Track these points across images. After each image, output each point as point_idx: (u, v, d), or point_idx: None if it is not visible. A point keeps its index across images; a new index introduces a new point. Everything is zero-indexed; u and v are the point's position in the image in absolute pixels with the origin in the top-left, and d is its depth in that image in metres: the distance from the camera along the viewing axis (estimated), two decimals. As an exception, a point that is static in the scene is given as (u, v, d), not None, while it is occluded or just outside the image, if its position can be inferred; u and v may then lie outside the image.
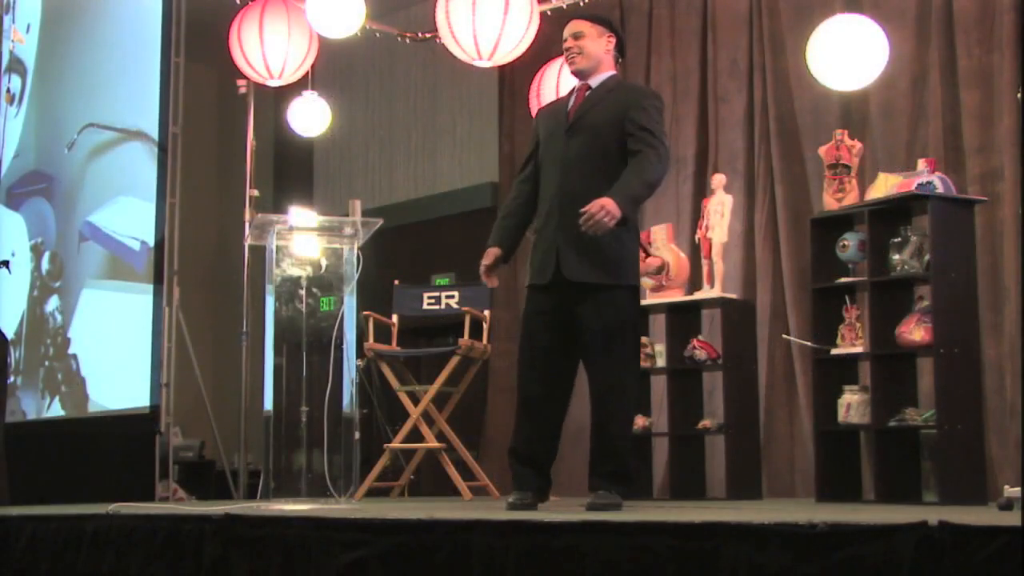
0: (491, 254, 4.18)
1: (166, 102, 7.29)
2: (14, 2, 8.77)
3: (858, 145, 5.19)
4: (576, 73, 4.22)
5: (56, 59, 8.57)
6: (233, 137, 8.48)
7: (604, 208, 3.75)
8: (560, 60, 6.27)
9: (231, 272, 8.16)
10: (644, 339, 5.82)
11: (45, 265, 8.34)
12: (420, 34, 7.44)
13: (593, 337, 3.95)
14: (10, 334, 7.84)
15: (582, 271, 3.94)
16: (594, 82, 4.19)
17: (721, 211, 5.68)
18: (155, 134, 7.41)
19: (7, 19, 8.74)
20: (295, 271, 4.96)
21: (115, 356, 7.53)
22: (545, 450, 4.15)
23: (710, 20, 6.64)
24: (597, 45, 4.20)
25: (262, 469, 5.04)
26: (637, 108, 4.05)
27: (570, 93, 4.30)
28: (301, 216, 5.02)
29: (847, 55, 4.99)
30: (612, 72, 4.23)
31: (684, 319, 5.80)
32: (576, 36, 4.21)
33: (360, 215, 5.12)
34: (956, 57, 5.56)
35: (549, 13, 6.60)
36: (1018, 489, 3.50)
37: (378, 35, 7.41)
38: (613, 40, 4.24)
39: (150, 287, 7.26)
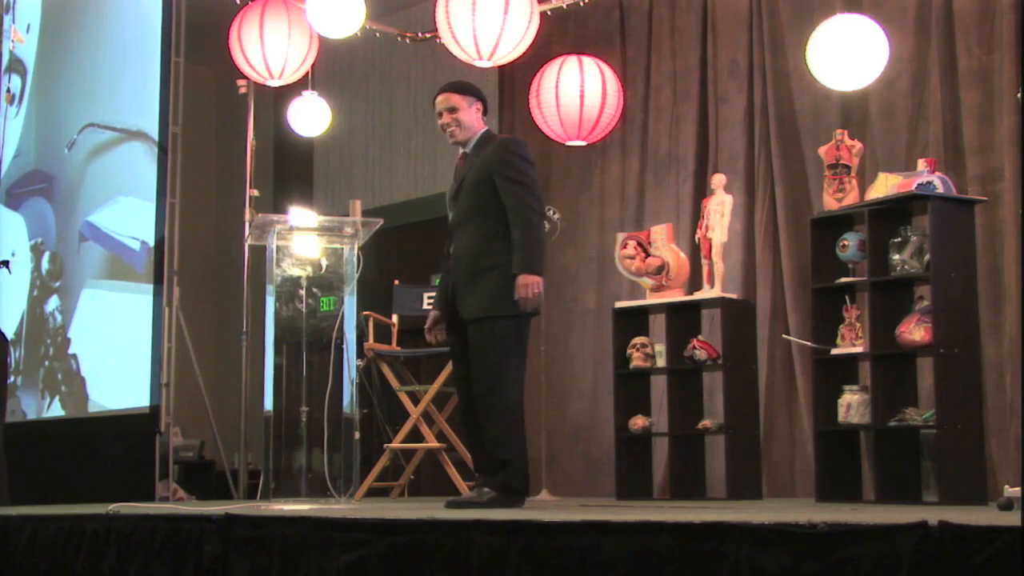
0: (432, 317, 4.71)
1: (166, 102, 7.28)
2: (14, 2, 8.77)
3: (858, 145, 5.19)
4: (456, 144, 4.63)
5: (56, 59, 8.57)
6: (233, 137, 8.48)
7: (524, 286, 4.31)
8: (560, 60, 6.28)
9: (231, 272, 8.16)
10: (644, 339, 5.84)
11: (45, 265, 8.34)
12: (420, 34, 7.44)
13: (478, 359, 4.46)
14: (10, 334, 7.84)
15: (470, 311, 4.46)
16: (469, 147, 4.60)
17: (721, 211, 5.67)
18: (155, 134, 7.40)
19: (7, 19, 8.74)
20: (295, 271, 4.96)
21: (115, 356, 7.52)
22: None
23: (710, 20, 6.64)
24: (469, 115, 4.60)
25: (262, 469, 5.04)
26: (501, 163, 4.47)
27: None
28: (301, 216, 5.01)
29: (847, 55, 4.99)
30: (482, 131, 4.62)
31: (684, 319, 5.80)
32: (451, 110, 4.58)
33: (360, 215, 5.12)
34: (956, 57, 5.56)
35: (549, 13, 6.61)
36: (1018, 489, 3.50)
37: (378, 35, 7.41)
38: (480, 105, 4.64)
39: (150, 287, 7.26)
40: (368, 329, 6.22)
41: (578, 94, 6.13)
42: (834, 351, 4.94)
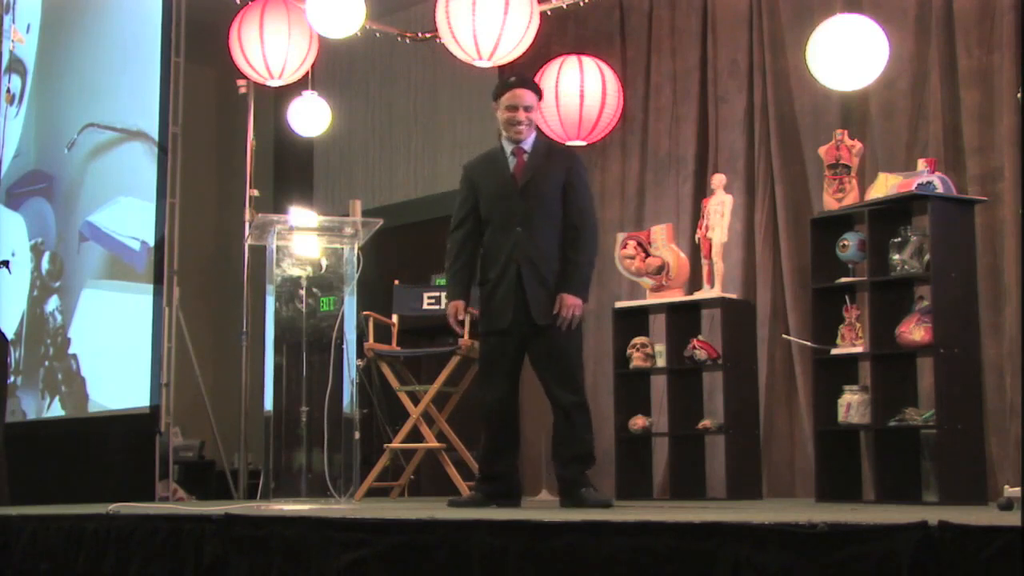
0: (460, 307, 4.61)
1: (166, 102, 7.29)
2: (14, 2, 8.77)
3: (858, 145, 5.19)
4: (515, 140, 4.57)
5: (56, 59, 8.57)
6: (233, 137, 8.47)
7: (571, 307, 4.41)
8: (560, 60, 6.28)
9: (231, 272, 8.16)
10: (644, 339, 5.84)
11: (45, 265, 8.34)
12: (420, 34, 7.44)
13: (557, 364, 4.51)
14: (10, 334, 7.84)
15: (547, 316, 4.45)
16: (527, 145, 4.58)
17: (721, 211, 5.67)
18: (155, 134, 7.41)
19: (7, 19, 8.74)
20: (295, 271, 4.96)
21: (115, 356, 7.53)
22: None
23: (710, 20, 6.64)
24: (538, 116, 4.69)
25: (262, 469, 5.04)
26: (577, 177, 4.56)
27: (498, 152, 4.62)
28: (301, 216, 5.02)
29: (847, 55, 4.99)
30: (535, 132, 4.63)
31: (684, 319, 5.79)
32: (528, 109, 4.55)
33: (360, 215, 5.12)
34: (956, 57, 5.55)
35: (549, 13, 6.61)
36: (1018, 489, 3.50)
37: (378, 35, 7.41)
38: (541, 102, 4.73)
39: (150, 287, 7.27)
40: (368, 329, 6.22)
41: (578, 94, 6.13)
42: (834, 351, 4.94)
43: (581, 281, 4.48)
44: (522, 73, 4.71)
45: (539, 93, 4.65)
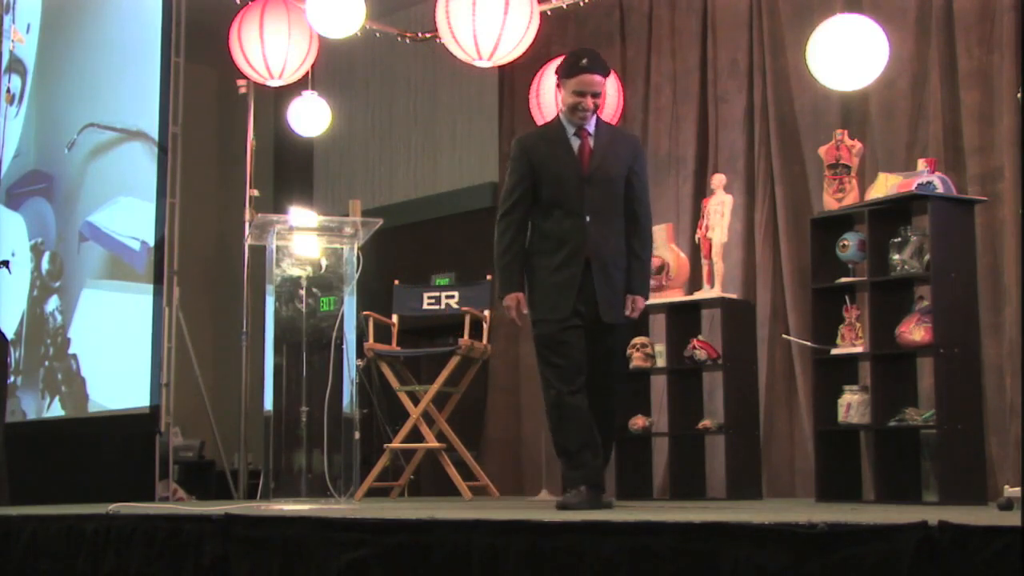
0: (520, 299, 4.35)
1: (166, 102, 7.28)
2: (14, 2, 8.77)
3: (858, 145, 5.19)
4: (580, 125, 4.32)
5: (56, 59, 8.57)
6: (233, 137, 8.48)
7: (639, 309, 4.38)
8: (560, 60, 6.27)
9: (231, 272, 8.16)
10: (644, 339, 5.84)
11: (45, 265, 8.33)
12: (420, 34, 7.44)
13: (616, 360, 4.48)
14: (10, 334, 7.84)
15: (616, 316, 4.33)
16: (590, 127, 4.34)
17: (721, 211, 5.67)
18: (155, 134, 7.40)
19: (7, 19, 8.73)
20: (295, 271, 4.96)
21: (115, 356, 7.52)
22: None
23: (710, 20, 6.64)
24: (605, 97, 4.47)
25: (262, 469, 5.04)
26: (639, 171, 4.38)
27: (557, 128, 4.35)
28: (301, 216, 5.01)
29: (847, 55, 4.99)
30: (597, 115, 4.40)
31: (684, 319, 5.79)
32: (596, 95, 4.28)
33: (360, 215, 5.12)
34: (956, 57, 5.56)
35: (549, 13, 6.60)
36: (1018, 489, 3.50)
37: (378, 35, 7.41)
38: None
39: (150, 287, 7.26)
40: (368, 329, 6.22)
41: (576, 95, 6.12)
42: (834, 351, 4.94)
43: (646, 277, 4.45)
44: (595, 54, 4.33)
45: (608, 74, 4.36)
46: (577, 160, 4.27)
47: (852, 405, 4.85)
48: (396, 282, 6.76)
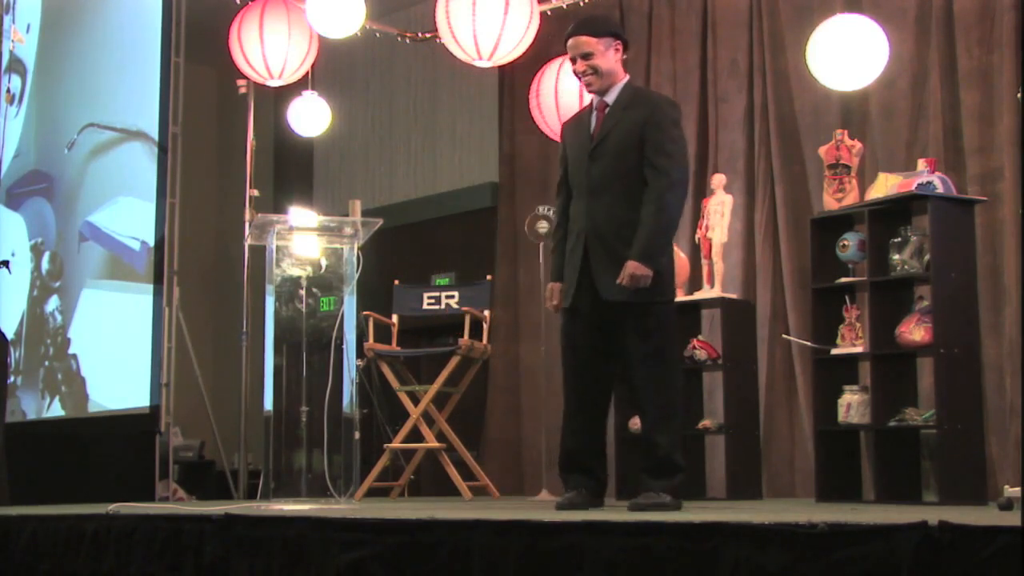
0: (555, 290, 4.20)
1: (166, 102, 7.28)
2: (14, 2, 8.77)
3: (858, 145, 5.19)
4: (593, 93, 4.14)
5: (56, 59, 8.57)
6: (233, 137, 8.48)
7: (629, 276, 3.87)
8: (560, 60, 6.27)
9: (231, 272, 8.16)
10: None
11: (45, 265, 8.33)
12: (420, 34, 7.44)
13: (635, 350, 4.02)
14: (10, 334, 7.84)
15: (618, 291, 3.97)
16: (610, 98, 4.11)
17: (721, 211, 5.67)
18: (155, 134, 7.40)
19: (7, 19, 8.73)
20: (295, 271, 4.95)
21: (115, 356, 7.52)
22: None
23: (710, 20, 6.64)
24: (607, 59, 4.06)
25: (262, 469, 5.03)
26: (653, 126, 3.98)
27: (589, 107, 4.22)
28: (301, 216, 5.01)
29: (847, 55, 4.99)
30: (625, 81, 4.14)
31: (684, 319, 5.78)
32: (586, 56, 4.05)
33: (360, 215, 5.12)
34: (956, 57, 5.56)
35: (549, 13, 6.60)
36: (1018, 489, 3.50)
37: (378, 35, 7.41)
38: (619, 44, 4.11)
39: (150, 287, 7.26)
40: (368, 329, 6.22)
41: (578, 94, 6.13)
42: (834, 351, 4.94)
43: (649, 241, 3.89)
44: (586, 18, 4.16)
45: (602, 31, 4.06)
46: (588, 136, 4.11)
47: (852, 405, 4.85)
48: (396, 282, 6.76)
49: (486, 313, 6.39)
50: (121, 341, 7.47)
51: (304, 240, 4.97)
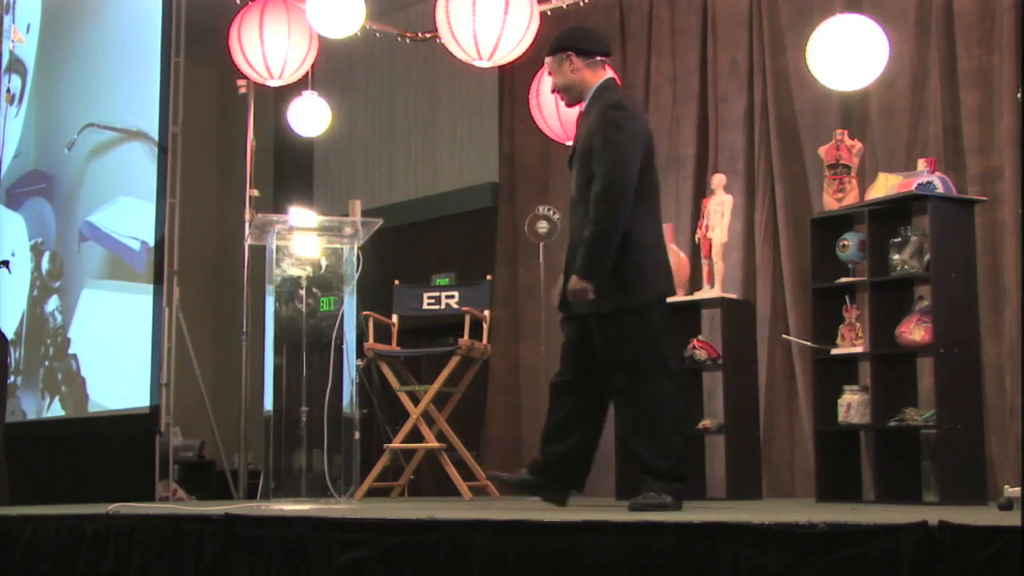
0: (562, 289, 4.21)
1: (166, 102, 7.28)
2: (14, 2, 8.77)
3: (858, 145, 5.19)
4: (570, 107, 4.26)
5: (56, 59, 8.57)
6: (233, 137, 8.48)
7: (573, 292, 3.92)
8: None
9: (231, 272, 8.16)
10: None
11: (45, 265, 8.34)
12: (420, 34, 7.44)
13: (604, 359, 4.07)
14: (10, 334, 7.84)
15: (576, 304, 4.02)
16: (585, 107, 4.17)
17: (721, 211, 5.67)
18: (155, 134, 7.40)
19: (7, 19, 8.73)
20: (295, 271, 4.96)
21: (115, 356, 7.52)
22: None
23: (710, 20, 6.65)
24: (563, 74, 4.13)
25: (262, 469, 5.04)
26: (597, 133, 3.97)
27: None
28: (301, 216, 5.02)
29: (847, 55, 4.99)
30: (595, 86, 4.16)
31: (684, 319, 5.79)
32: (550, 74, 4.20)
33: (360, 215, 5.12)
34: (956, 57, 5.56)
35: (549, 13, 6.61)
36: (1018, 489, 3.50)
37: (378, 35, 7.41)
38: (571, 55, 4.13)
39: (150, 287, 7.26)
40: (368, 329, 6.22)
41: (578, 94, 6.14)
42: (834, 351, 4.94)
43: (584, 255, 3.90)
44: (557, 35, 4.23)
45: (553, 49, 4.14)
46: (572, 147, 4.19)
47: (852, 405, 4.85)
48: (396, 282, 6.76)
49: (486, 313, 6.39)
50: (121, 341, 7.47)
51: (304, 240, 4.98)
